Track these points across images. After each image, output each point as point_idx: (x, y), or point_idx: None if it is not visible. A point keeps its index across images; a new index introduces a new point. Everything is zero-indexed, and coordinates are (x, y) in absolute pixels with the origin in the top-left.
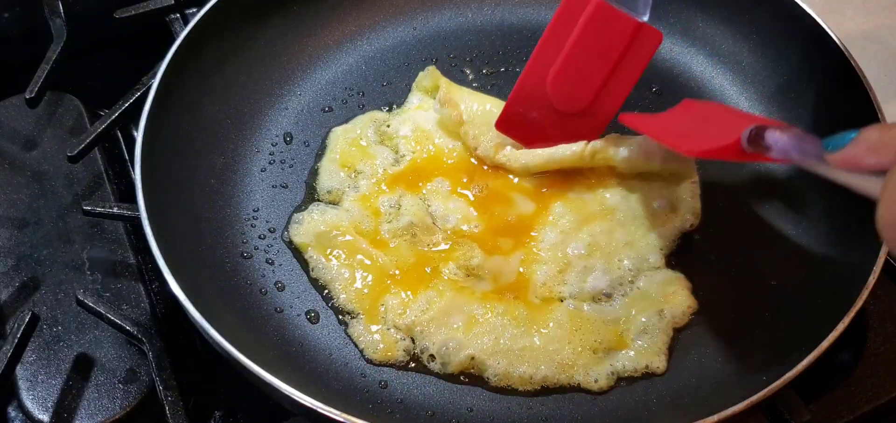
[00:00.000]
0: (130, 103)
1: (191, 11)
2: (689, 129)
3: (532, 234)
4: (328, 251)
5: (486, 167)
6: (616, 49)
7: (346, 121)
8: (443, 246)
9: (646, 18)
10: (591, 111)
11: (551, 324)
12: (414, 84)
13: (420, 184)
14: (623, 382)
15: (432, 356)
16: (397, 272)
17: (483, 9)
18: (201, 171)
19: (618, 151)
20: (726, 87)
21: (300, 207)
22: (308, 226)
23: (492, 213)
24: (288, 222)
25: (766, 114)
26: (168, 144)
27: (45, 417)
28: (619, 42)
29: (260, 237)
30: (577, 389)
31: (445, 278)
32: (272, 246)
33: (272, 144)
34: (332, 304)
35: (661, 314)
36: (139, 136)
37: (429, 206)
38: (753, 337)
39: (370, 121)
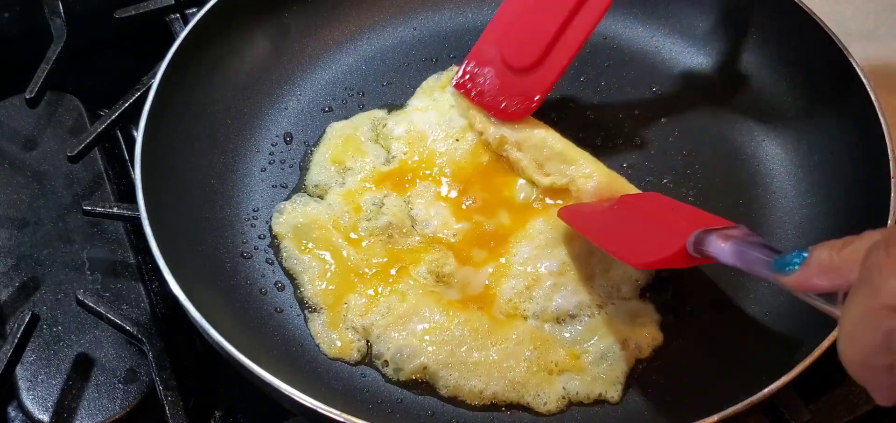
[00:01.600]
0: (130, 103)
1: (191, 11)
2: (633, 234)
3: (510, 246)
4: (303, 243)
5: (485, 159)
6: (567, 5)
7: (347, 118)
8: (417, 247)
9: None
10: (540, 68)
11: (511, 339)
12: (420, 86)
13: (407, 186)
14: (574, 407)
15: (386, 362)
16: (366, 271)
17: (483, 9)
18: (201, 171)
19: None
20: (727, 87)
21: (287, 198)
22: (289, 216)
23: (472, 222)
24: (271, 211)
25: (766, 115)
26: (168, 144)
27: (45, 417)
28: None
29: (260, 237)
30: (526, 408)
31: (412, 282)
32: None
33: (272, 144)
34: (298, 293)
35: (625, 344)
36: (139, 136)
37: (411, 208)
38: (720, 369)
39: (368, 119)
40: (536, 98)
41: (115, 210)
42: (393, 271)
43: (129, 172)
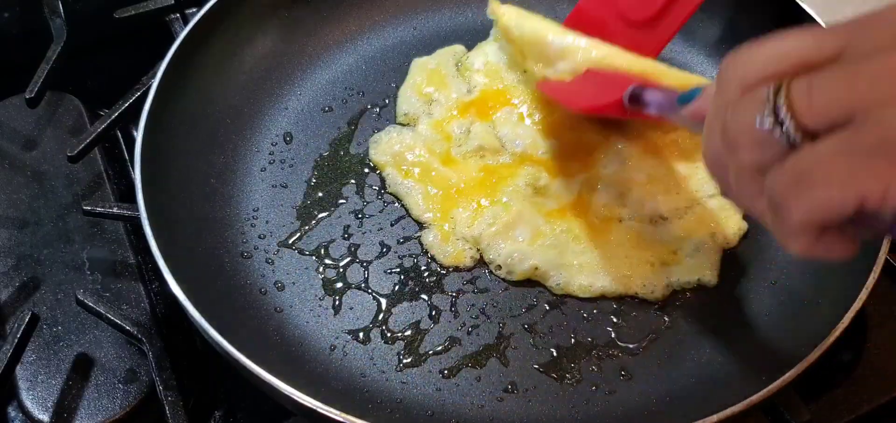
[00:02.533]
0: (130, 103)
1: (191, 11)
2: (585, 91)
3: (599, 157)
4: (403, 168)
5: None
6: None
7: (348, 119)
8: (511, 164)
9: None
10: (656, 22)
11: (610, 241)
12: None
13: (490, 112)
14: (678, 293)
15: (499, 266)
16: (464, 187)
17: (483, 9)
18: (201, 171)
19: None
20: None
21: (378, 129)
22: (386, 145)
23: (559, 139)
24: (368, 143)
25: None
26: (168, 144)
27: (44, 417)
28: None
29: (260, 237)
30: (635, 297)
31: (512, 191)
32: (272, 246)
33: (272, 144)
34: (409, 214)
35: (714, 236)
36: (139, 136)
37: (498, 131)
38: (720, 369)
39: (450, 54)
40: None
41: (115, 210)
42: (492, 183)
43: (129, 172)
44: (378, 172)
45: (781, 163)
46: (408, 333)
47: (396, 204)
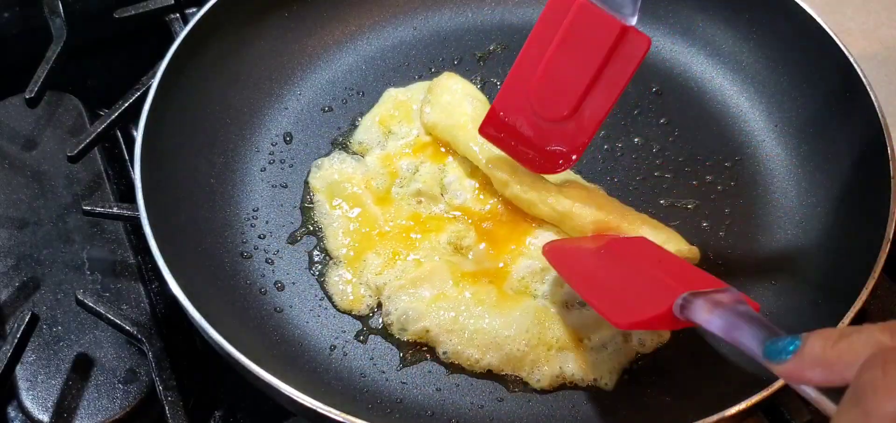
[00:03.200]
0: (130, 103)
1: (191, 11)
2: (616, 287)
3: (532, 229)
4: (334, 199)
5: None
6: (600, 53)
7: (351, 119)
8: (442, 216)
9: (633, 22)
10: (574, 119)
11: (515, 314)
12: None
13: (444, 157)
14: (567, 389)
15: (392, 321)
16: (389, 232)
17: (483, 9)
18: (201, 171)
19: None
20: (726, 87)
21: (326, 154)
22: (325, 172)
23: (500, 201)
24: (310, 166)
25: (767, 115)
26: (168, 144)
27: (44, 417)
28: (602, 45)
29: (260, 237)
30: (520, 381)
31: (431, 248)
32: (272, 246)
33: (272, 144)
34: (321, 245)
35: (628, 337)
36: (139, 136)
37: (444, 177)
38: (720, 369)
39: (425, 89)
40: (573, 157)
41: (114, 210)
42: (414, 235)
43: (129, 172)
44: (312, 196)
45: None
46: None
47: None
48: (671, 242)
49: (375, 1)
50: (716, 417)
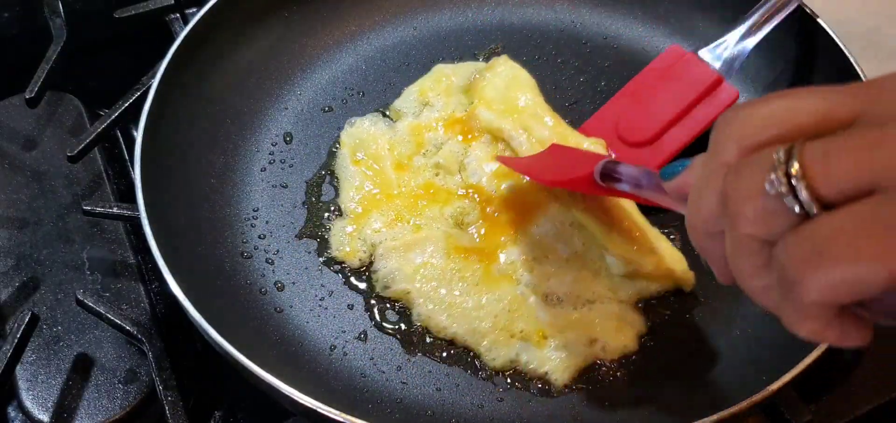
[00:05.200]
0: (130, 103)
1: (191, 11)
2: (553, 166)
3: (537, 218)
4: (356, 154)
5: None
6: (692, 93)
7: (363, 113)
8: (454, 191)
9: (728, 79)
10: (651, 147)
11: (493, 295)
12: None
13: (471, 137)
14: (517, 373)
15: (378, 278)
16: (397, 194)
17: (483, 9)
18: (201, 171)
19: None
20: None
21: (363, 114)
22: (358, 129)
23: (514, 186)
24: (344, 123)
25: None
26: (168, 144)
27: (44, 417)
28: (696, 88)
29: (260, 237)
30: (476, 356)
31: (433, 218)
32: (272, 246)
33: (272, 144)
34: (336, 198)
35: (591, 344)
36: (139, 136)
37: (466, 156)
38: (720, 369)
39: (472, 69)
40: None
41: (115, 210)
42: (421, 203)
43: (129, 172)
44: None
45: (794, 233)
46: None
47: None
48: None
49: (375, 1)
50: (716, 417)
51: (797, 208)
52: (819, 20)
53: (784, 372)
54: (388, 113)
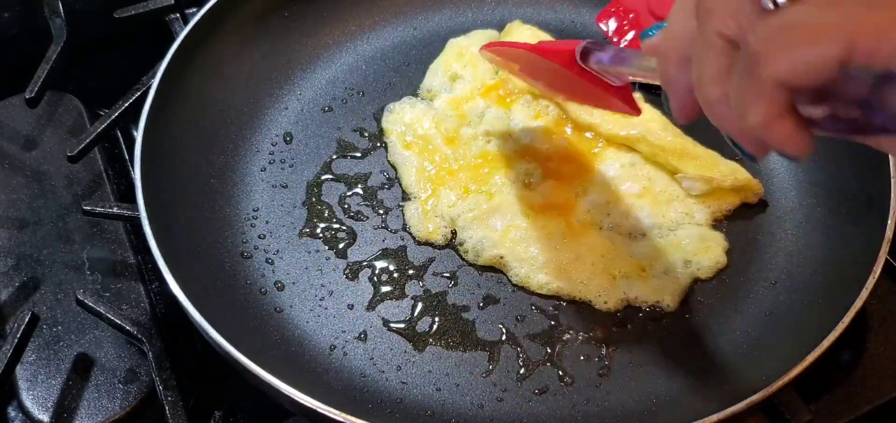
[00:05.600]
0: (130, 103)
1: (191, 11)
2: (539, 46)
3: (597, 164)
4: (406, 139)
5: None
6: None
7: (384, 94)
8: (510, 154)
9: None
10: None
11: (583, 245)
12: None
13: (509, 100)
14: (631, 308)
15: (467, 249)
16: (457, 167)
17: (483, 9)
18: (201, 171)
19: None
20: None
21: (384, 94)
22: (397, 114)
23: (565, 139)
24: (382, 110)
25: None
26: (168, 144)
27: (45, 417)
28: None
29: (260, 237)
30: (587, 304)
31: (501, 183)
32: (272, 246)
33: (272, 144)
34: (400, 183)
35: (687, 264)
36: (139, 136)
37: (510, 120)
38: (720, 369)
39: (485, 37)
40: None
41: (115, 210)
42: (484, 171)
43: (129, 172)
44: (385, 138)
45: (763, 18)
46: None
47: (392, 172)
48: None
49: (375, 1)
50: (716, 417)
51: (770, 4)
52: None
53: (784, 372)
54: (419, 93)
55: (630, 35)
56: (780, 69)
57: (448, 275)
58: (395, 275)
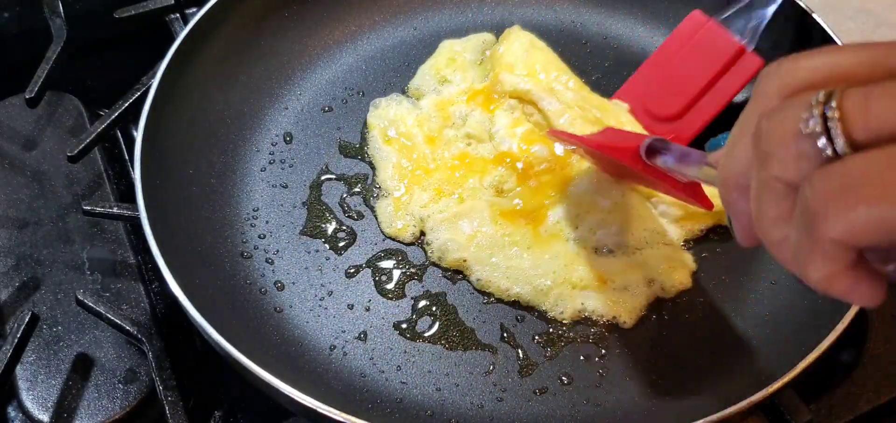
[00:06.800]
0: (130, 103)
1: (191, 11)
2: (604, 140)
3: (573, 175)
4: (387, 134)
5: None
6: (716, 65)
7: (385, 94)
8: (488, 159)
9: (751, 48)
10: (680, 121)
11: (546, 254)
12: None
13: (492, 107)
14: (586, 321)
15: (433, 249)
16: (434, 167)
17: (483, 9)
18: (201, 171)
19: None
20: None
21: (384, 94)
22: (382, 110)
23: (545, 147)
24: (368, 106)
25: None
26: (168, 144)
27: (44, 417)
28: (720, 59)
29: (260, 237)
30: (543, 314)
31: (474, 187)
32: (272, 246)
33: (272, 144)
34: (375, 179)
35: (650, 283)
36: (139, 136)
37: (493, 126)
38: (720, 369)
39: (479, 41)
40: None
41: (115, 210)
42: (459, 174)
43: (129, 172)
44: (368, 132)
45: (823, 170)
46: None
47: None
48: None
49: (375, 1)
50: (716, 417)
51: (829, 150)
52: (819, 20)
53: (784, 372)
54: (407, 91)
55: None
56: (839, 230)
57: (448, 275)
58: (395, 275)
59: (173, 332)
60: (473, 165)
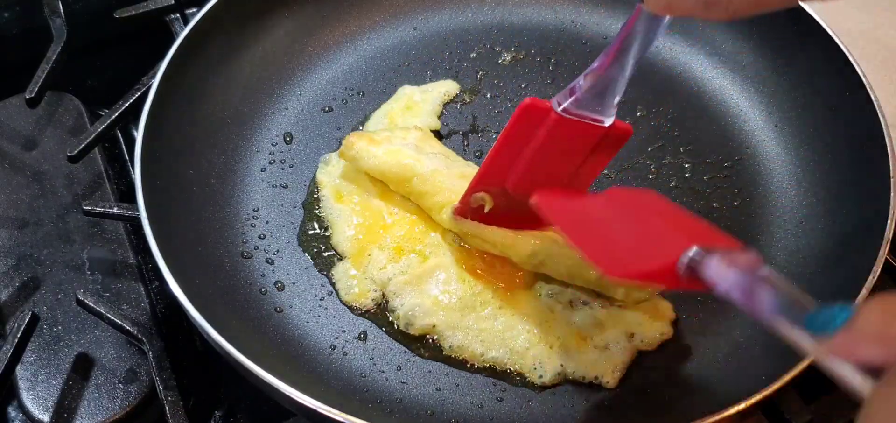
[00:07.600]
0: (130, 103)
1: (191, 11)
2: (617, 237)
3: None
4: (340, 193)
5: None
6: (581, 153)
7: (385, 94)
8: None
9: (611, 121)
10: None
11: (520, 311)
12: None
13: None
14: (568, 384)
15: (399, 316)
16: (394, 225)
17: (483, 9)
18: (201, 171)
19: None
20: (726, 87)
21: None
22: (333, 167)
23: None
24: (318, 162)
25: (767, 115)
26: (168, 144)
27: (45, 417)
28: (584, 148)
29: (260, 237)
30: (523, 378)
31: (436, 241)
32: (272, 246)
33: (272, 144)
34: (330, 240)
35: (631, 337)
36: (139, 136)
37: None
38: (720, 369)
39: (440, 90)
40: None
41: (115, 210)
42: (418, 229)
43: (129, 172)
44: (319, 192)
45: None
46: None
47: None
48: None
49: (375, 1)
50: (716, 417)
51: None
52: (819, 21)
53: (784, 372)
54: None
55: None
56: None
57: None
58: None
59: (173, 332)
60: (433, 220)
